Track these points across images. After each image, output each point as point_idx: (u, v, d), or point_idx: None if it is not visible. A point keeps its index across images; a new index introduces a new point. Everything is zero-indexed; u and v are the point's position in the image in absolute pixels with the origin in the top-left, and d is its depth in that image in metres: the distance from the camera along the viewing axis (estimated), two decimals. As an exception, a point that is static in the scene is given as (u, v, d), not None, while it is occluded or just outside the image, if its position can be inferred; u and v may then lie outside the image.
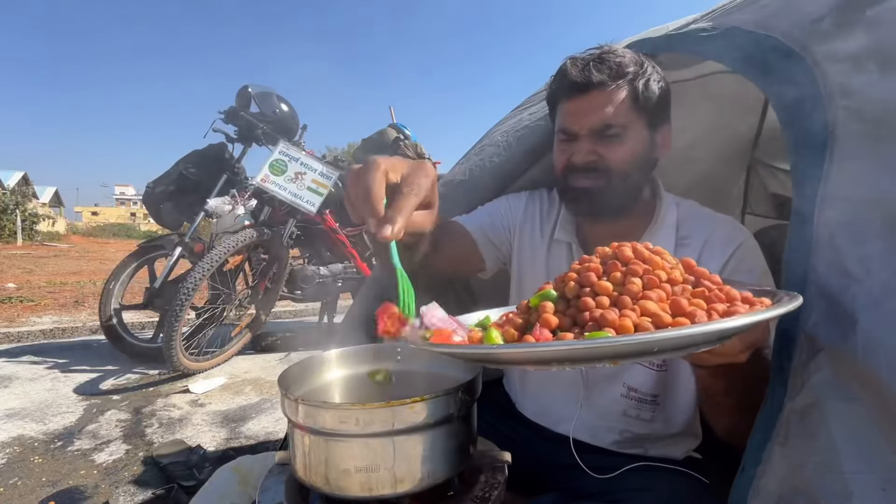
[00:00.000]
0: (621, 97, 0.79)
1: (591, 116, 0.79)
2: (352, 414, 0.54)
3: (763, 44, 0.68)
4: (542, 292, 0.50)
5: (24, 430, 1.95)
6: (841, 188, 0.54)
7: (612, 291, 0.46)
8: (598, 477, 0.81)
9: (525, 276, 0.97)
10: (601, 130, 0.79)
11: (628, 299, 0.44)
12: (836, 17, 0.62)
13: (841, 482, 0.46)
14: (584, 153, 0.80)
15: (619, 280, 0.47)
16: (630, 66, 0.79)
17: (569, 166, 0.83)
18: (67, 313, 4.12)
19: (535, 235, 0.97)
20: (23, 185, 27.74)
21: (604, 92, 0.78)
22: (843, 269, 0.51)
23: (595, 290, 0.46)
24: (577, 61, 0.81)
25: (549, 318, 0.46)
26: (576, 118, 0.81)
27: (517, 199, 1.02)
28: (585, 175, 0.82)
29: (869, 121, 0.54)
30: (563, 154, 0.85)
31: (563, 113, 0.84)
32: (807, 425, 0.50)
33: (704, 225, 0.85)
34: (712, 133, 1.80)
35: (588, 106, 0.79)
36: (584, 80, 0.79)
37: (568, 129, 0.83)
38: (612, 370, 0.86)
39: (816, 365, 0.51)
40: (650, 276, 0.46)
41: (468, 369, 0.71)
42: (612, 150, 0.79)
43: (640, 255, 0.49)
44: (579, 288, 0.48)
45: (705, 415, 0.75)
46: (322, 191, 2.79)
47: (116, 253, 10.89)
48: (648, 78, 0.80)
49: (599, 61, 0.79)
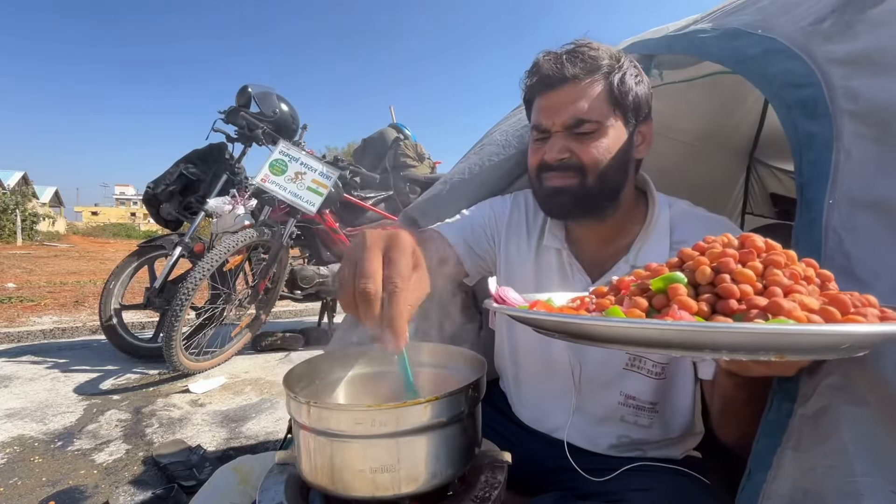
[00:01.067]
0: (595, 92, 0.76)
1: (564, 111, 0.76)
2: (362, 415, 0.54)
3: (763, 45, 0.68)
4: (668, 275, 0.46)
5: (24, 430, 1.95)
6: (848, 192, 0.54)
7: (757, 282, 0.42)
8: (596, 480, 0.81)
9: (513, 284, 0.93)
10: (574, 126, 0.76)
11: (779, 290, 0.40)
12: (837, 18, 0.62)
13: (851, 485, 0.46)
14: (557, 150, 0.77)
15: (760, 271, 0.43)
16: (604, 60, 0.77)
17: (542, 165, 0.80)
18: (67, 313, 4.12)
19: (521, 243, 0.94)
20: (23, 185, 27.74)
21: (577, 86, 0.76)
22: (851, 274, 0.51)
23: (735, 278, 0.42)
24: (550, 55, 0.79)
25: (688, 302, 0.42)
26: (548, 114, 0.78)
27: (502, 204, 0.99)
28: (558, 174, 0.78)
29: (874, 124, 0.54)
30: (536, 153, 0.82)
31: (536, 109, 0.81)
32: (818, 430, 0.50)
33: (699, 226, 0.82)
34: (712, 133, 1.80)
35: (560, 101, 0.77)
36: (556, 73, 0.76)
37: (540, 126, 0.80)
38: (610, 378, 0.84)
39: (826, 370, 0.51)
40: (791, 269, 0.43)
41: (473, 368, 0.71)
42: (586, 147, 0.76)
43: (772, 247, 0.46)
44: (715, 274, 0.44)
45: (717, 422, 0.73)
46: (322, 191, 2.78)
47: (116, 253, 10.89)
48: (625, 73, 0.77)
49: (573, 55, 0.77)
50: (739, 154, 2.03)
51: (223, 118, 2.94)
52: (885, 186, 0.52)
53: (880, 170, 0.53)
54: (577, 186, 0.78)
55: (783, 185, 2.03)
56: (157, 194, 2.96)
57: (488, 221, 0.97)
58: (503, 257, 0.96)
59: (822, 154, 0.57)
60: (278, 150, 2.79)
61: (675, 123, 1.65)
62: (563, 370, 0.88)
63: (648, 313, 0.44)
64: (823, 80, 0.59)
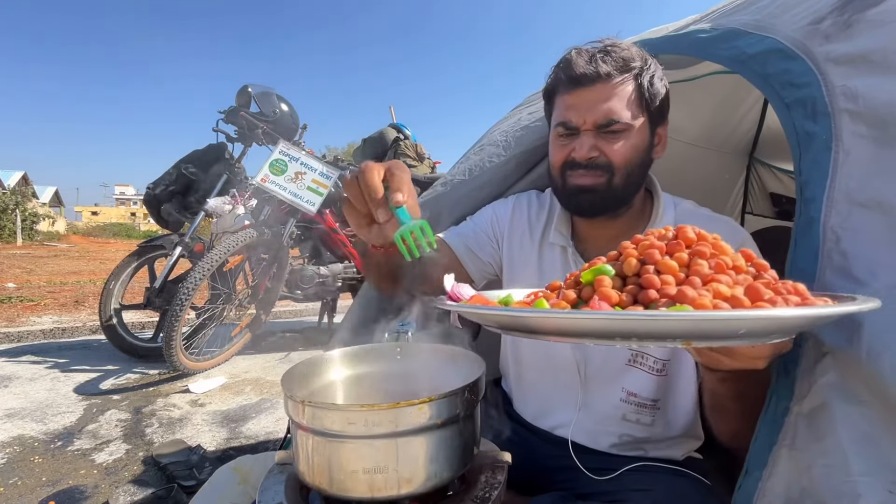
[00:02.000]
0: (627, 91, 0.76)
1: (596, 110, 0.76)
2: (357, 415, 0.54)
3: (763, 45, 0.68)
4: (597, 267, 0.47)
5: (24, 430, 1.95)
6: (848, 191, 0.54)
7: (678, 272, 0.43)
8: (597, 479, 0.81)
9: (517, 283, 0.93)
10: (605, 125, 0.76)
11: (698, 280, 0.42)
12: (837, 18, 0.62)
13: (849, 484, 0.46)
14: (587, 148, 0.77)
15: (685, 261, 0.44)
16: (636, 61, 0.77)
17: (568, 162, 0.80)
18: (67, 313, 4.12)
19: (524, 242, 0.94)
20: (23, 184, 27.75)
21: (609, 84, 0.76)
22: (848, 273, 0.51)
23: (658, 269, 0.44)
24: (583, 52, 0.78)
25: (609, 293, 0.43)
26: (578, 111, 0.77)
27: (504, 206, 0.99)
28: (586, 172, 0.78)
29: (873, 124, 0.54)
30: (562, 149, 0.81)
31: (563, 106, 0.80)
32: (814, 428, 0.50)
33: (703, 226, 0.82)
34: (712, 133, 1.81)
35: (592, 99, 0.76)
36: (590, 71, 0.76)
37: (569, 123, 0.79)
38: (612, 374, 0.84)
39: (822, 368, 0.51)
40: (717, 259, 0.44)
41: (471, 369, 0.71)
42: (616, 147, 0.76)
43: (703, 238, 0.47)
44: (640, 265, 0.45)
45: (709, 419, 0.73)
46: (322, 191, 2.78)
47: (116, 253, 10.89)
48: (653, 74, 0.78)
49: (605, 53, 0.77)
50: (739, 154, 2.03)
51: (223, 118, 2.95)
52: (883, 186, 0.52)
53: (879, 169, 0.53)
54: (604, 185, 0.78)
55: (783, 184, 2.03)
56: (157, 195, 2.96)
57: (491, 225, 0.97)
58: (507, 258, 0.96)
59: (821, 153, 0.57)
60: (278, 150, 2.79)
61: (675, 123, 1.64)
62: (566, 366, 0.88)
63: (577, 304, 0.46)
64: (822, 80, 0.59)
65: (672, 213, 0.85)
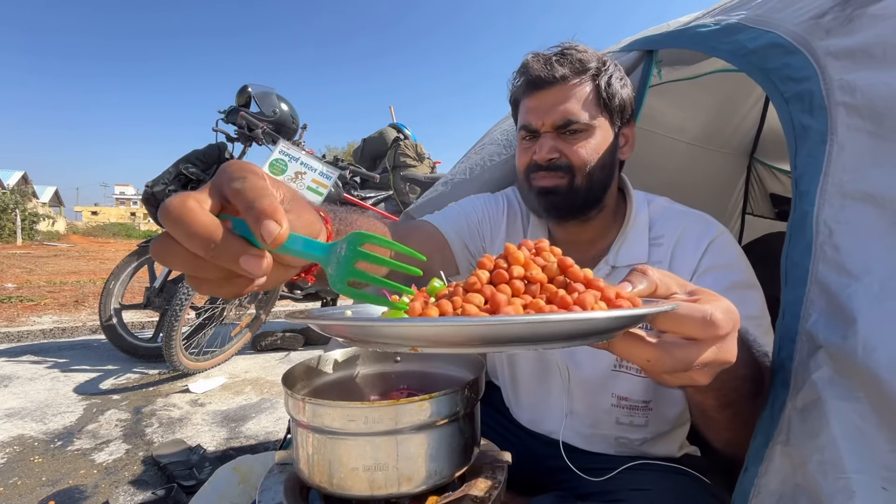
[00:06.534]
0: (584, 93, 0.77)
1: (553, 112, 0.77)
2: (358, 412, 0.54)
3: (764, 40, 0.68)
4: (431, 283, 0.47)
5: (24, 429, 1.95)
6: (841, 185, 0.54)
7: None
8: (595, 480, 0.81)
9: None
10: (563, 126, 0.77)
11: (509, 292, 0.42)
12: (839, 12, 0.62)
13: (843, 481, 0.46)
14: (546, 150, 0.78)
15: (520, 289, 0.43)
16: (592, 62, 0.78)
17: (531, 165, 0.81)
18: (67, 313, 4.12)
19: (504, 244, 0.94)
20: (23, 184, 27.79)
21: (566, 86, 0.77)
22: (842, 267, 0.51)
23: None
24: (539, 56, 0.80)
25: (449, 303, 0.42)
26: (537, 114, 0.79)
27: (493, 202, 0.97)
28: (547, 173, 0.79)
29: (869, 117, 0.54)
30: (525, 153, 0.82)
31: (524, 110, 0.81)
32: (808, 423, 0.50)
33: (676, 222, 0.82)
34: (712, 133, 1.80)
35: (550, 101, 0.78)
36: (546, 74, 0.77)
37: (529, 126, 0.80)
38: (600, 380, 0.83)
39: (816, 363, 0.51)
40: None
41: (471, 368, 0.71)
42: (575, 148, 0.77)
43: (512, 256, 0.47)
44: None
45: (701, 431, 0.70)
46: (322, 190, 2.78)
47: (116, 253, 10.89)
48: (611, 76, 0.79)
49: (562, 56, 0.78)
50: (739, 154, 2.03)
51: (223, 118, 2.95)
52: (876, 179, 0.52)
53: (873, 162, 0.53)
54: (565, 186, 0.79)
55: (783, 185, 2.03)
56: (155, 193, 2.96)
57: (482, 219, 0.95)
58: None
59: (816, 147, 0.57)
60: (278, 149, 2.79)
61: (676, 123, 1.65)
62: (556, 373, 0.88)
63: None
64: (821, 74, 0.59)
65: (645, 211, 0.85)
